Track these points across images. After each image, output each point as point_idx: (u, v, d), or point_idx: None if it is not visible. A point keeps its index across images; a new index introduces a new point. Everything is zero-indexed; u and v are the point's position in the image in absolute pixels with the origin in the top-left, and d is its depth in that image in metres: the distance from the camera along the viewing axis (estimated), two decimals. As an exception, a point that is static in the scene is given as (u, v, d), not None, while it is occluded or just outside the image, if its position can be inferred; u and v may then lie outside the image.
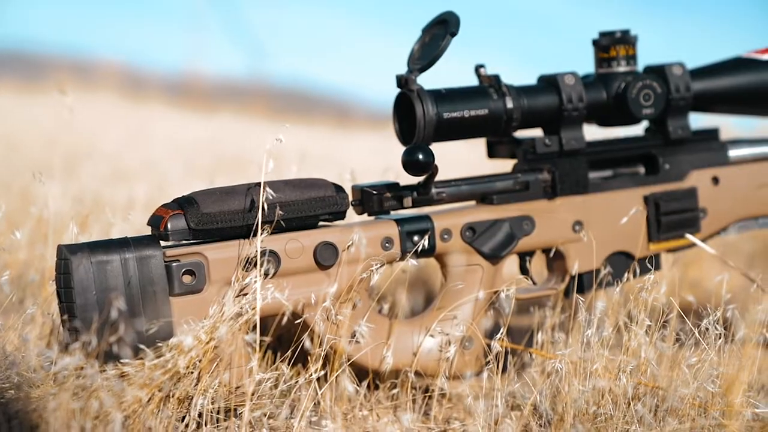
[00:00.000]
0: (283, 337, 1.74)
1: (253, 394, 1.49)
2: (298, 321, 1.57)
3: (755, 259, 3.27)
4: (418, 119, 1.64)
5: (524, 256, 1.75)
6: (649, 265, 1.79)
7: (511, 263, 1.81)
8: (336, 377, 1.59)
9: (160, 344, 1.44)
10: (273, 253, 1.55)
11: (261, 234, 1.51)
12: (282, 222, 1.54)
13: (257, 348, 1.48)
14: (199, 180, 2.73)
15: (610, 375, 1.54)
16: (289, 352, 1.58)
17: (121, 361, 1.41)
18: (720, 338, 1.55)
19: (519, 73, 1.78)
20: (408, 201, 1.67)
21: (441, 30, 1.66)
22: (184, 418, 1.47)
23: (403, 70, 1.67)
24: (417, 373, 1.66)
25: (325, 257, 1.58)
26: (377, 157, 4.70)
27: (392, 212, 1.69)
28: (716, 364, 1.54)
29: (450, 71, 1.73)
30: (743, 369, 1.62)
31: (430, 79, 1.66)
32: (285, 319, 1.53)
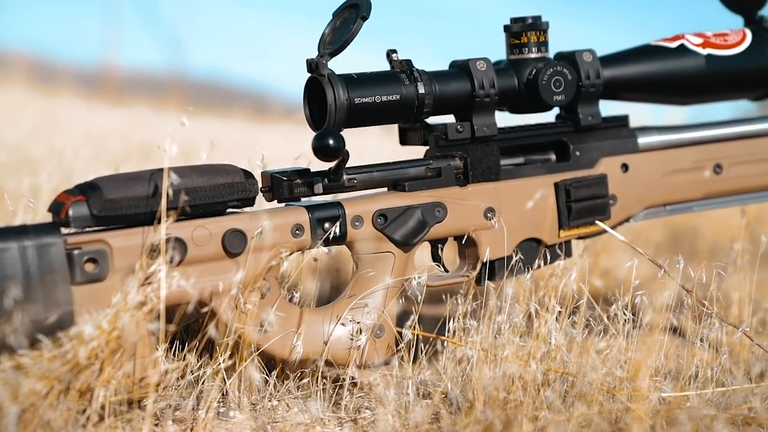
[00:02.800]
0: (191, 327, 1.70)
1: (158, 385, 1.45)
2: (206, 310, 1.53)
3: (663, 246, 3.33)
4: (329, 104, 1.62)
5: (436, 243, 1.74)
6: (559, 251, 1.79)
7: (424, 250, 1.80)
8: (244, 367, 1.56)
9: (60, 335, 1.39)
10: (179, 240, 1.50)
11: (166, 221, 1.47)
12: (188, 208, 1.50)
13: (162, 338, 1.44)
14: (107, 169, 2.66)
15: (520, 361, 1.54)
16: (196, 342, 1.54)
17: (18, 352, 1.36)
18: (627, 324, 1.56)
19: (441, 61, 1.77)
20: (319, 187, 1.64)
21: (352, 14, 1.64)
22: (85, 410, 1.42)
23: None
24: (328, 362, 1.64)
25: (234, 244, 1.55)
26: (292, 146, 4.65)
27: (303, 199, 1.66)
28: (624, 349, 1.55)
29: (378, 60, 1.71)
30: (650, 354, 1.64)
31: (346, 65, 1.64)
32: (192, 307, 1.49)
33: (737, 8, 1.92)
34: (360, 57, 1.76)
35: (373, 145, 3.82)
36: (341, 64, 1.65)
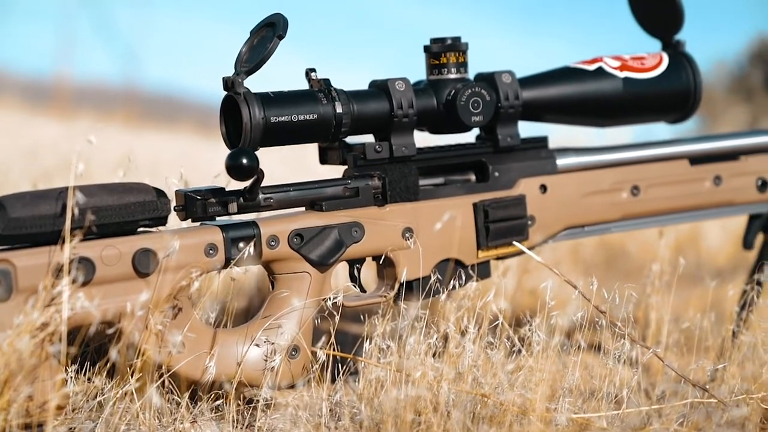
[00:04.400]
0: (103, 348, 1.67)
1: (61, 408, 1.42)
2: (113, 331, 1.50)
3: (599, 266, 3.36)
4: (244, 123, 1.61)
5: (354, 263, 1.74)
6: (478, 272, 1.80)
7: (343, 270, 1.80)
8: (155, 389, 1.54)
9: (-40, 356, 1.36)
10: (86, 259, 1.48)
11: (71, 240, 1.44)
12: (94, 227, 1.48)
13: (63, 360, 1.41)
14: (30, 185, 2.62)
15: (431, 382, 1.53)
16: (106, 364, 1.52)
17: None
18: (539, 345, 1.57)
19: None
20: (233, 206, 1.63)
21: (269, 32, 1.63)
22: (-15, 434, 1.39)
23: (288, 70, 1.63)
24: (242, 384, 1.62)
25: (144, 264, 1.53)
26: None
27: (218, 218, 1.65)
28: (535, 369, 1.55)
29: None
30: (564, 374, 1.65)
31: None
32: (99, 328, 1.46)
33: (655, 32, 1.95)
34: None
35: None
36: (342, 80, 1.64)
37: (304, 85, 1.70)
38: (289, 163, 4.05)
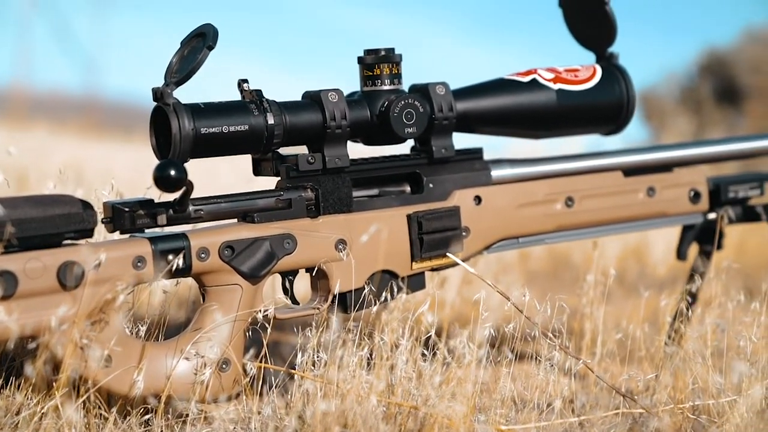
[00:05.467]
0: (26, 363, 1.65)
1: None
2: (35, 345, 1.48)
3: (544, 276, 3.38)
4: (173, 134, 1.59)
5: (286, 275, 1.73)
6: (413, 283, 1.79)
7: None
8: (82, 403, 1.52)
9: None
10: (9, 273, 1.46)
11: (-9, 253, 1.42)
12: (17, 240, 1.46)
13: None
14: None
15: (361, 394, 1.53)
16: (31, 379, 1.49)
17: None
18: (468, 356, 1.57)
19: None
20: (162, 218, 1.61)
21: (199, 43, 1.62)
22: None
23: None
24: (172, 398, 1.60)
25: (70, 277, 1.50)
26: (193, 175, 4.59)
27: (148, 230, 1.63)
28: (464, 381, 1.55)
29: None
30: (495, 385, 1.65)
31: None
32: (19, 343, 1.44)
33: (589, 44, 1.97)
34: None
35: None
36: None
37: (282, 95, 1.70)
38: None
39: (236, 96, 1.70)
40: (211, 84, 1.67)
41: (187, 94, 1.63)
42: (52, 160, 4.82)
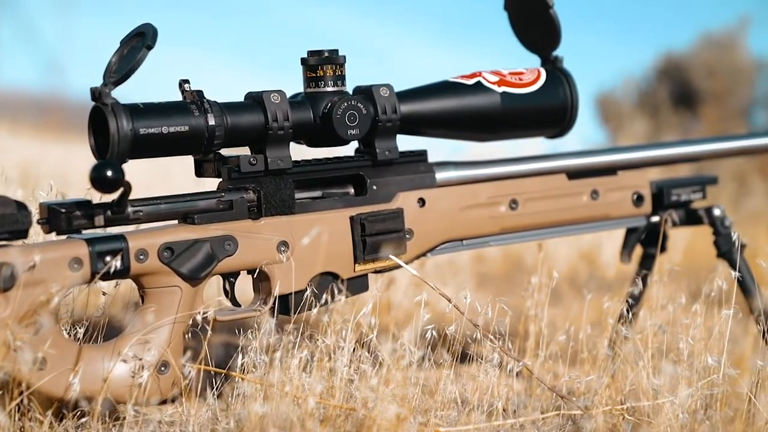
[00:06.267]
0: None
1: None
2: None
3: (492, 279, 3.40)
4: (111, 134, 1.58)
5: (227, 277, 1.72)
6: (356, 285, 1.79)
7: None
8: (16, 406, 1.50)
9: None
10: (-62, 274, 1.43)
11: None
12: (-52, 241, 1.44)
13: None
14: None
15: (300, 397, 1.52)
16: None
17: None
18: (405, 358, 1.57)
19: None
20: (100, 219, 1.59)
21: (139, 43, 1.61)
22: None
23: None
24: (108, 401, 1.58)
25: (3, 279, 1.48)
26: (149, 176, 4.56)
27: (85, 231, 1.61)
28: (403, 383, 1.55)
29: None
30: (437, 387, 1.65)
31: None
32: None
33: (534, 48, 1.97)
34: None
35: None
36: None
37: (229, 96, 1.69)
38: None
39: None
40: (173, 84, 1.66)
41: (142, 95, 1.62)
42: (8, 160, 4.77)
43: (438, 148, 2.11)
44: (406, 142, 1.91)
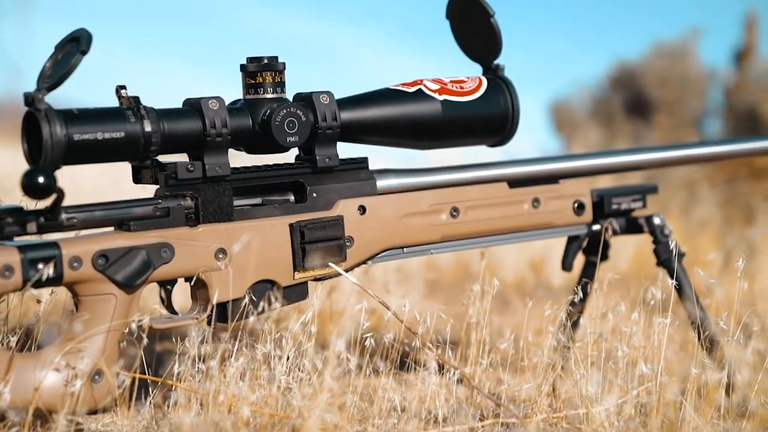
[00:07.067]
0: None
1: None
2: None
3: (444, 287, 3.40)
4: (44, 140, 1.56)
5: (164, 285, 1.70)
6: (295, 293, 1.78)
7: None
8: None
9: None
10: None
11: None
12: None
13: None
14: None
15: (236, 405, 1.51)
16: None
17: None
18: (342, 366, 1.56)
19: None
20: (32, 226, 1.57)
21: (73, 48, 1.59)
22: None
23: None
24: (39, 410, 1.56)
25: (-70, 286, 1.46)
26: (100, 180, 4.52)
27: (18, 239, 1.59)
28: (340, 392, 1.55)
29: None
30: (375, 396, 1.65)
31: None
32: None
33: (475, 57, 1.98)
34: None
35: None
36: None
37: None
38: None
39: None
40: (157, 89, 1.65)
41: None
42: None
43: (399, 157, 2.11)
44: (351, 150, 1.91)
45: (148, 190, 1.81)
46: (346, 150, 1.88)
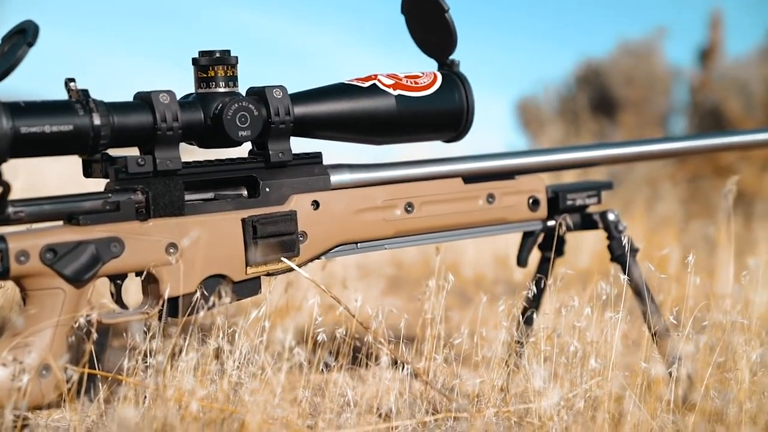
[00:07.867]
0: None
1: None
2: None
3: (406, 282, 3.40)
4: (-10, 133, 1.54)
5: (114, 279, 1.69)
6: (248, 288, 1.77)
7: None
8: None
9: None
10: None
11: None
12: None
13: None
14: None
15: (186, 400, 1.50)
16: None
17: None
18: (295, 359, 1.56)
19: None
20: (-22, 220, 1.55)
21: (20, 39, 1.57)
22: None
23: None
24: (-13, 406, 1.54)
25: None
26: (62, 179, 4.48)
27: (-36, 232, 1.57)
28: (291, 386, 1.54)
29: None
30: (327, 389, 1.64)
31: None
32: None
33: (431, 52, 1.98)
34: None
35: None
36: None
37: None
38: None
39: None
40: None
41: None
42: None
43: (367, 153, 2.10)
44: (307, 145, 1.91)
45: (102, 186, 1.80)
46: (301, 145, 1.88)
